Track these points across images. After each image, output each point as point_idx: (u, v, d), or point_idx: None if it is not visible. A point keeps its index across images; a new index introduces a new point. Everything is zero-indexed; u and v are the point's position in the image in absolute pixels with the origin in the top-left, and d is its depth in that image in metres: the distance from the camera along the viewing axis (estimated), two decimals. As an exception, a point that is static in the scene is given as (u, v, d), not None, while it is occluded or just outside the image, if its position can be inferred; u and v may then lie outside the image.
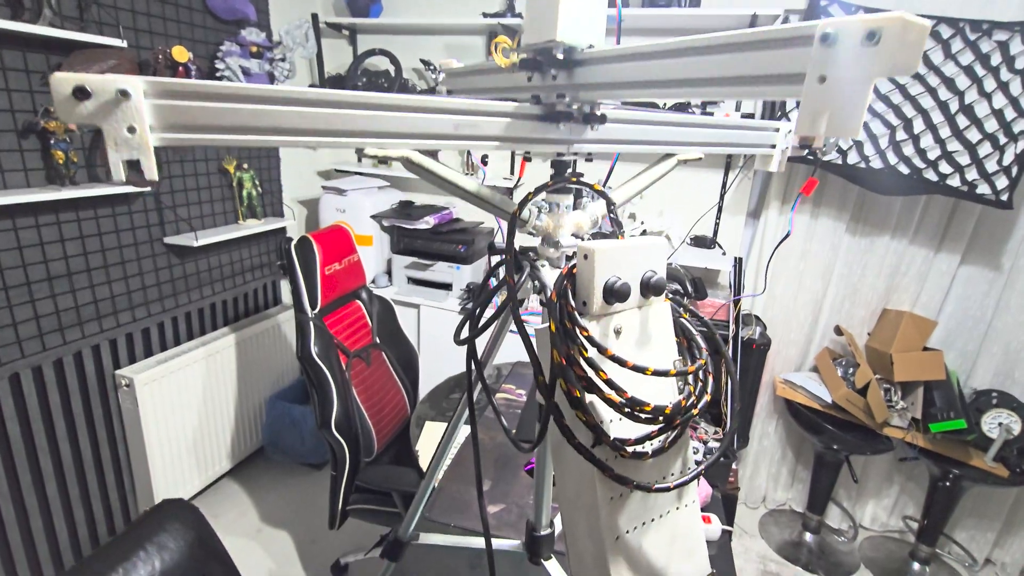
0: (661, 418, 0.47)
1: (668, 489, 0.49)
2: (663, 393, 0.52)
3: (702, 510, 1.44)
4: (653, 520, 0.51)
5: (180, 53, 1.93)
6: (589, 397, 0.47)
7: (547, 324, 0.46)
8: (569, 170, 0.58)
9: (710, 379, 0.53)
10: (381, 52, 2.55)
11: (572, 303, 0.47)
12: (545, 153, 0.56)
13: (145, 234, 2.03)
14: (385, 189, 2.76)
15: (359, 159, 2.91)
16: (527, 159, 0.60)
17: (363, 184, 2.66)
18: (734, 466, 1.90)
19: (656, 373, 0.46)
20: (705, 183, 2.38)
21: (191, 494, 2.28)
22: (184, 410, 2.16)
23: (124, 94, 0.34)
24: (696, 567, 0.52)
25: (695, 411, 0.50)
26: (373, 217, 2.57)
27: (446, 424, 1.63)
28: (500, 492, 1.44)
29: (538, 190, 0.51)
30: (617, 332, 0.50)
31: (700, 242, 2.45)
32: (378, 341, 2.02)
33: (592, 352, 0.46)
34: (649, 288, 0.50)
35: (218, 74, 2.10)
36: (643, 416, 0.46)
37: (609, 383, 0.45)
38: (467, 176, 0.53)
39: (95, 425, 1.95)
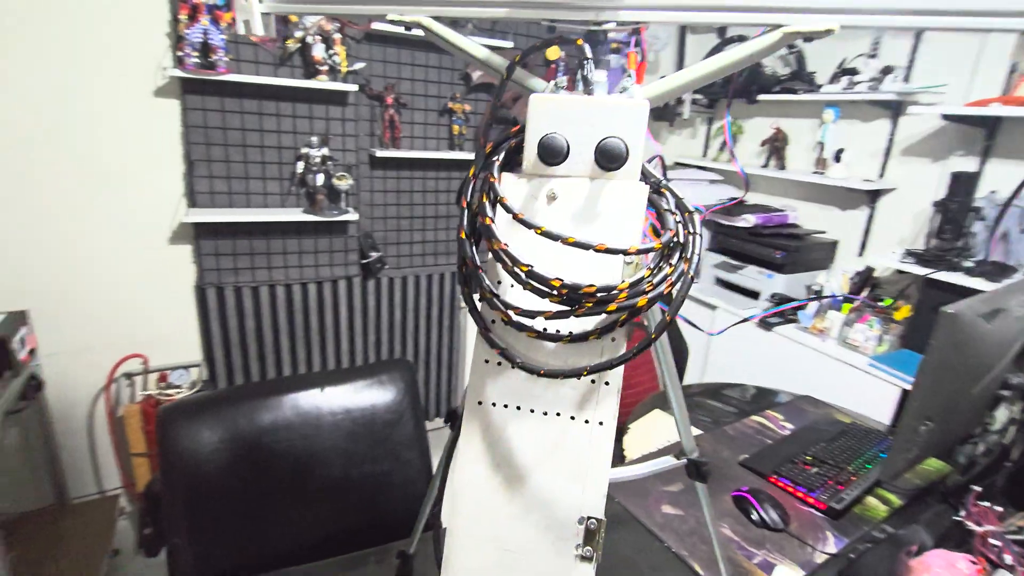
0: (554, 291, 0.40)
1: (537, 372, 0.41)
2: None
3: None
4: (532, 412, 0.43)
5: (553, 52, 2.36)
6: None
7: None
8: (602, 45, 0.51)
9: (670, 265, 0.41)
10: None
11: (500, 156, 0.46)
12: (574, 28, 0.51)
13: (502, 197, 2.60)
14: (717, 184, 2.64)
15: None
16: (559, 41, 0.54)
17: (693, 176, 2.62)
18: None
19: (548, 235, 0.40)
20: None
21: (490, 410, 2.81)
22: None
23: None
24: (580, 497, 0.41)
25: (621, 295, 0.40)
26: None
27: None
28: (687, 500, 1.28)
29: (527, 52, 0.49)
30: (550, 198, 0.45)
31: None
32: (644, 323, 2.01)
33: (495, 204, 0.43)
34: (602, 154, 0.43)
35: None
36: (525, 278, 0.41)
37: (488, 231, 0.42)
38: (478, 43, 0.55)
39: (442, 331, 2.65)
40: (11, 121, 1.66)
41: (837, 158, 2.20)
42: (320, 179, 2.04)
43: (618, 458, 1.61)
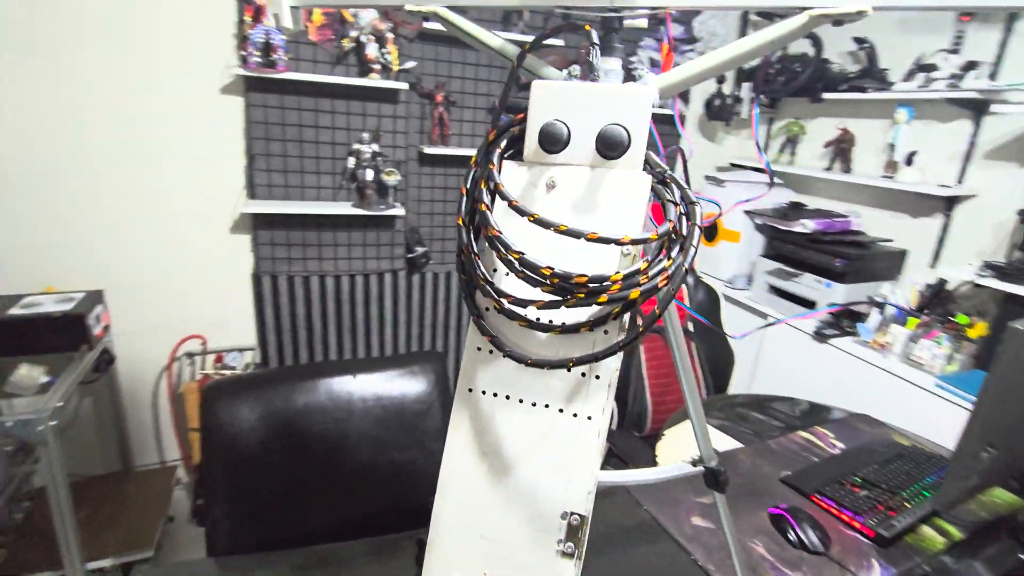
0: (545, 280, 0.40)
1: (525, 362, 0.40)
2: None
3: None
4: (522, 402, 0.42)
5: (605, 50, 2.32)
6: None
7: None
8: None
9: (669, 258, 0.39)
10: None
11: (502, 143, 0.45)
12: (586, 15, 0.50)
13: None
14: (775, 186, 2.52)
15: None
16: (569, 29, 0.52)
17: (749, 178, 2.51)
18: None
19: (540, 222, 0.39)
20: None
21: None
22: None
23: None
24: (565, 491, 0.39)
25: (614, 286, 0.38)
26: (747, 212, 2.40)
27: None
28: (716, 514, 1.23)
29: (537, 40, 0.48)
30: (550, 186, 0.44)
31: None
32: (690, 329, 1.95)
33: (494, 192, 0.43)
34: (603, 142, 0.42)
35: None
36: (517, 266, 0.40)
37: (484, 218, 0.41)
38: (492, 33, 0.54)
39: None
40: (92, 118, 1.81)
41: (909, 161, 2.04)
42: (370, 174, 2.10)
43: (651, 464, 1.57)
